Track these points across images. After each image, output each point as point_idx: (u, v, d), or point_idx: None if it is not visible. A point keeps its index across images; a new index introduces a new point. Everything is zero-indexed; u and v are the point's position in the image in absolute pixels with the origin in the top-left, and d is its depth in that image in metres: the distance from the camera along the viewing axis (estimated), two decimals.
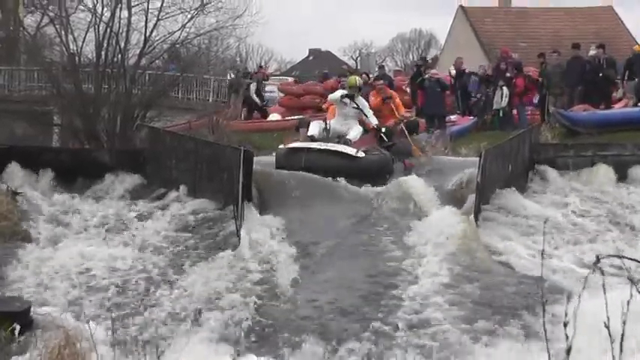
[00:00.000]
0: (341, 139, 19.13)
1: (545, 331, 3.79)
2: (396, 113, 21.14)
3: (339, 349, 11.54)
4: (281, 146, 19.74)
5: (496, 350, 11.28)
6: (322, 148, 18.61)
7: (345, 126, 19.42)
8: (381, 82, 22.34)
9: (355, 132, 19.29)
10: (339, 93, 20.01)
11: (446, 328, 11.76)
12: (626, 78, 24.22)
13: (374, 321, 12.00)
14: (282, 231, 16.55)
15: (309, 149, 18.72)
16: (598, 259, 3.56)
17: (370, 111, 19.99)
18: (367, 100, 20.88)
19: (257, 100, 31.57)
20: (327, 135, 19.30)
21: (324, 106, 22.12)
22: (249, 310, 13.73)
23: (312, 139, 19.12)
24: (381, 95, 21.83)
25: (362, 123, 19.77)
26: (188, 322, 13.48)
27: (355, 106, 19.60)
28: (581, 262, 14.14)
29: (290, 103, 31.61)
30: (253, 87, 31.93)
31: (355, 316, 12.27)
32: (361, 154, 18.45)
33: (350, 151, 18.42)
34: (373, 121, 19.92)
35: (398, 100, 21.85)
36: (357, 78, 20.73)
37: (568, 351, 3.62)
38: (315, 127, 19.46)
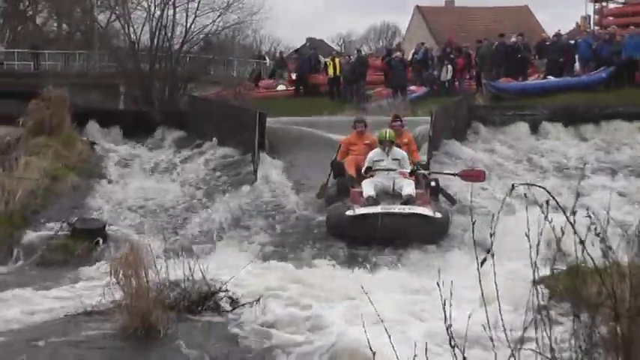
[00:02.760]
0: (397, 195, 12.83)
1: (474, 242, 3.78)
2: (412, 160, 13.97)
3: (325, 250, 12.34)
4: (349, 212, 12.51)
5: (441, 256, 11.44)
6: (398, 212, 12.27)
7: (392, 180, 12.95)
8: (399, 122, 14.97)
9: (410, 186, 12.85)
10: (370, 160, 13.31)
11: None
12: (536, 58, 24.34)
13: None
14: (286, 170, 16.57)
15: (382, 214, 12.20)
16: (513, 187, 3.56)
17: (408, 161, 13.50)
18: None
19: None
20: (384, 193, 12.93)
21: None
22: (264, 226, 13.82)
23: (371, 200, 12.58)
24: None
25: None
26: (219, 236, 13.59)
27: (394, 158, 13.19)
28: (503, 191, 14.16)
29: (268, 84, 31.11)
30: None
31: None
32: (438, 215, 12.36)
33: (428, 212, 12.23)
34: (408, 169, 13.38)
35: (414, 146, 14.98)
36: (388, 131, 13.64)
37: (490, 253, 3.64)
38: (370, 188, 12.74)
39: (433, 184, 13.43)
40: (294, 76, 29.31)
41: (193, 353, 7.50)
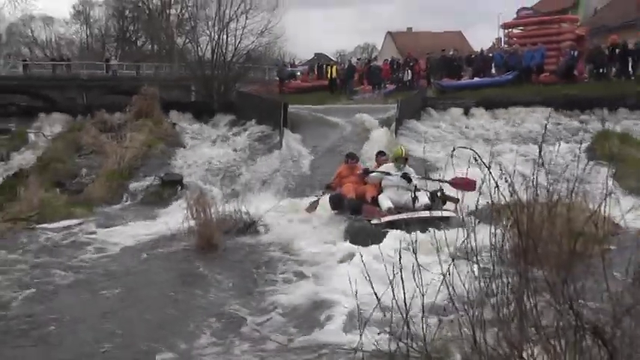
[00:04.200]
0: (410, 209, 8.78)
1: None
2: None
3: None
4: (375, 221, 8.54)
5: None
6: (422, 216, 8.35)
7: (404, 196, 8.98)
8: (385, 157, 10.20)
9: (424, 196, 8.97)
10: (381, 173, 9.37)
11: None
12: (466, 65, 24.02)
13: None
14: (303, 141, 16.44)
15: (408, 220, 7.94)
16: (454, 149, 3.51)
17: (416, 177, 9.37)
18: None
19: None
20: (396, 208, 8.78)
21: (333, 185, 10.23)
22: (287, 177, 13.80)
23: (392, 210, 8.70)
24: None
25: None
26: (257, 184, 13.59)
27: (404, 176, 9.13)
28: (446, 154, 14.07)
29: (304, 79, 30.74)
30: None
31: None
32: (454, 214, 8.19)
33: (448, 213, 8.43)
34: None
35: None
36: (403, 149, 9.84)
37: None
38: (386, 201, 8.89)
39: (439, 194, 9.03)
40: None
41: (240, 261, 7.56)
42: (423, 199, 8.84)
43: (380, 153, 10.42)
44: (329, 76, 26.54)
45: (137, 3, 44.16)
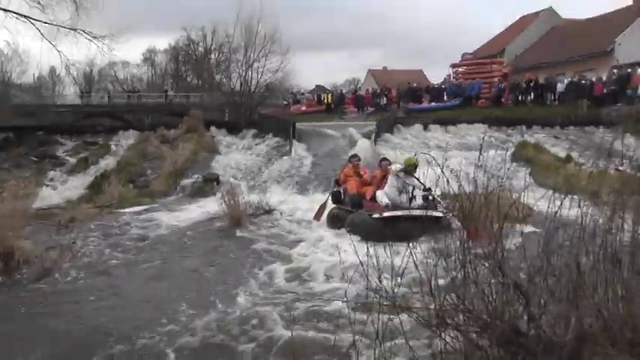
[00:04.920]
0: (404, 207, 7.03)
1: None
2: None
3: (326, 189, 11.33)
4: (375, 215, 6.85)
5: None
6: (418, 215, 6.16)
7: (402, 196, 7.19)
8: (387, 162, 8.07)
9: (420, 197, 7.08)
10: (397, 167, 7.35)
11: None
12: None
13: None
14: (307, 148, 16.28)
15: (405, 217, 6.49)
16: (415, 153, 3.47)
17: (419, 189, 7.18)
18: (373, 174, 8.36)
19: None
20: (393, 205, 7.14)
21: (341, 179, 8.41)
22: (295, 176, 13.68)
23: (390, 206, 7.07)
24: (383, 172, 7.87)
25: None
26: (273, 181, 13.48)
27: (409, 183, 7.18)
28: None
29: (309, 104, 30.51)
30: None
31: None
32: (444, 215, 5.51)
33: (441, 214, 5.70)
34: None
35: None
36: (416, 159, 7.22)
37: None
38: (384, 197, 7.29)
39: (430, 198, 6.96)
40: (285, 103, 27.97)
41: (261, 236, 7.48)
42: (419, 199, 7.19)
43: (384, 159, 8.53)
44: (326, 101, 26.42)
45: (187, 50, 44.67)
